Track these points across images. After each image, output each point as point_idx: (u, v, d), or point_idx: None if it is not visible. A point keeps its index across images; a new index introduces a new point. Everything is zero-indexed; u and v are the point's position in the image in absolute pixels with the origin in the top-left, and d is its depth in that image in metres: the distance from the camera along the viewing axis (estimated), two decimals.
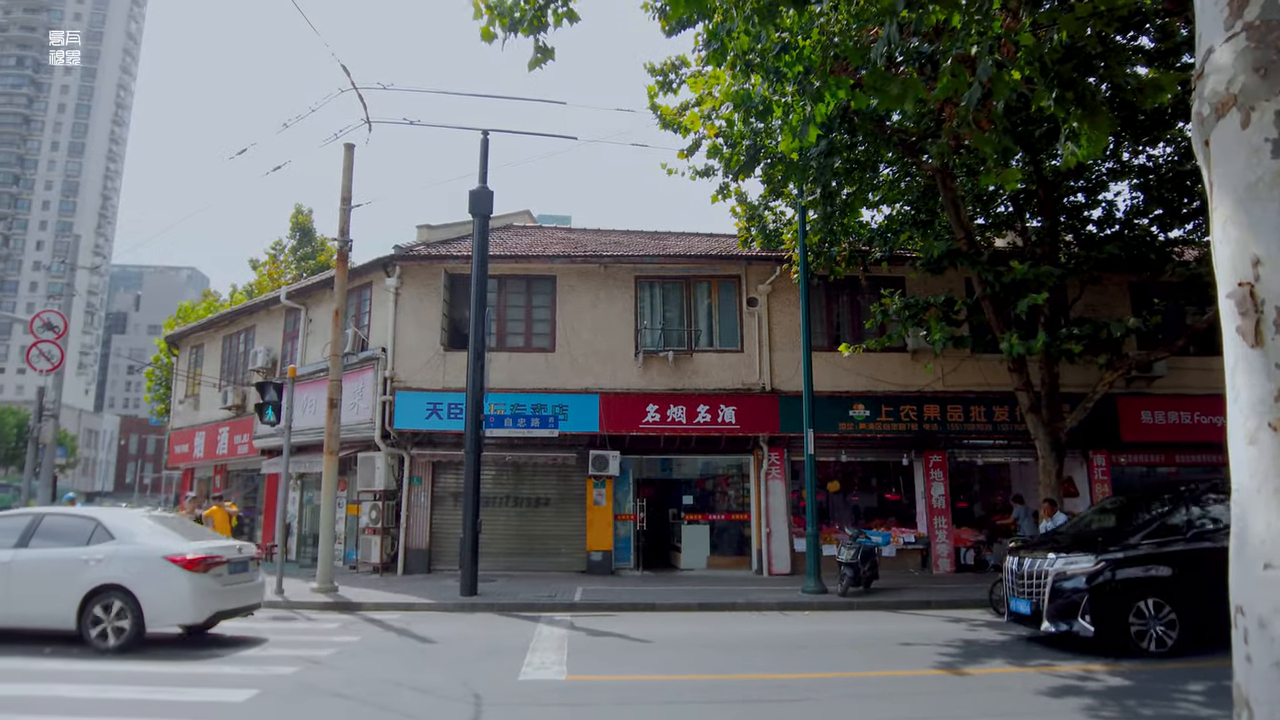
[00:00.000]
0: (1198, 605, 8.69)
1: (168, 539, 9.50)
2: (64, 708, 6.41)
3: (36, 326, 19.29)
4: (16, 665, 7.97)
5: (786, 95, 9.31)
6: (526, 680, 7.53)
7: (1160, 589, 8.92)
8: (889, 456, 17.98)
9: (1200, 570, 8.77)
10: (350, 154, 15.64)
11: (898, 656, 8.89)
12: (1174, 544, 9.15)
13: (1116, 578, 9.02)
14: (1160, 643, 8.75)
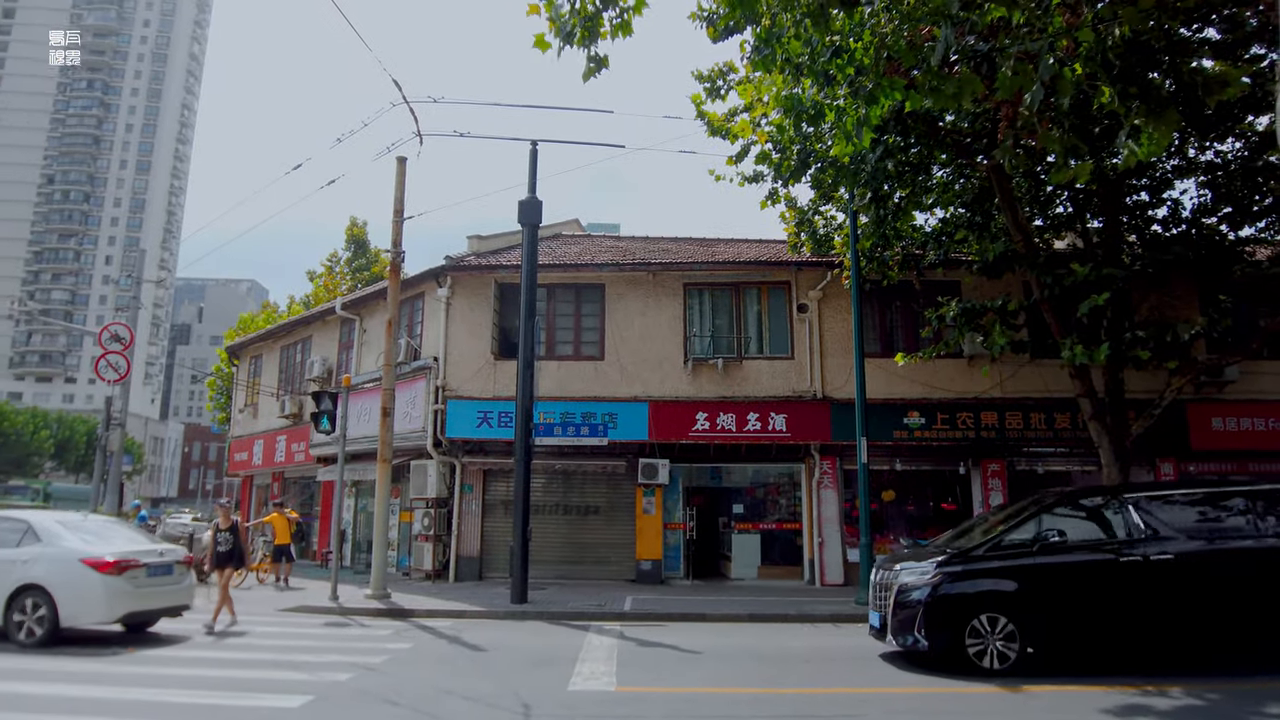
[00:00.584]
0: (1041, 621, 8.37)
1: (90, 542, 10.03)
2: (129, 709, 6.54)
3: (105, 338, 19.98)
4: (87, 668, 8.20)
5: (839, 98, 9.17)
6: (576, 691, 7.48)
7: (1001, 603, 8.41)
8: (945, 465, 17.56)
9: (1046, 585, 8.47)
10: (402, 167, 15.87)
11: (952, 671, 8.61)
12: (1020, 557, 8.68)
13: (953, 591, 8.55)
14: (1001, 659, 8.27)
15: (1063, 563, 8.57)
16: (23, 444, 62.18)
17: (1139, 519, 8.70)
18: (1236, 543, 8.55)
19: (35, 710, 6.51)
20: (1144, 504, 8.85)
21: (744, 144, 13.17)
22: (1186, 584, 8.32)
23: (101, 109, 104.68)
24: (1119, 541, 8.61)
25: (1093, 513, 9.14)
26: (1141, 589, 8.33)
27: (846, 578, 16.56)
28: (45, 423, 66.68)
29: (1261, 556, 8.43)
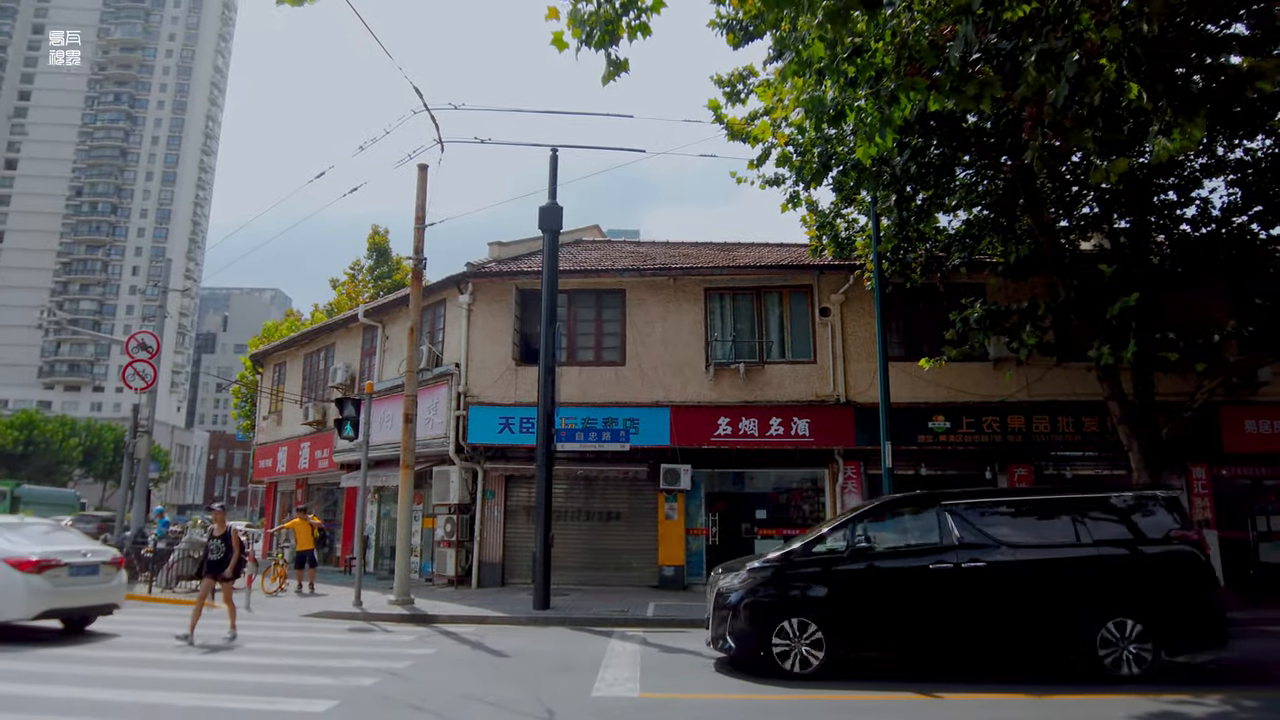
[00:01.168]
0: (847, 626, 8.45)
1: (16, 543, 10.45)
2: (153, 713, 6.57)
3: (132, 347, 20.25)
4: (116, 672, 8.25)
5: (860, 99, 9.09)
6: (599, 697, 7.43)
7: (808, 608, 8.47)
8: (971, 469, 17.34)
9: (854, 590, 8.54)
10: (424, 175, 15.96)
11: (987, 676, 8.47)
12: (833, 563, 8.73)
13: (762, 595, 8.63)
14: (805, 663, 8.28)
15: (872, 569, 8.63)
16: (52, 451, 63.10)
17: (954, 526, 8.71)
18: (1052, 552, 8.54)
19: (53, 712, 6.55)
20: (962, 511, 8.85)
21: (765, 147, 13.11)
22: (999, 591, 8.35)
23: (128, 121, 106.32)
24: (933, 548, 8.65)
25: (914, 519, 9.18)
26: (953, 596, 8.36)
27: None
28: (74, 430, 67.63)
29: (1076, 565, 8.42)
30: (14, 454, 59.73)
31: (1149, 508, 8.80)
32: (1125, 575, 8.34)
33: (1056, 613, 8.29)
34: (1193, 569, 8.37)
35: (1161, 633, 8.15)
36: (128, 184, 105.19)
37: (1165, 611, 8.22)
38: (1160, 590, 8.29)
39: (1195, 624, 8.22)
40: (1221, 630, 8.20)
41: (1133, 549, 8.49)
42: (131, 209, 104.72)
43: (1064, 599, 8.30)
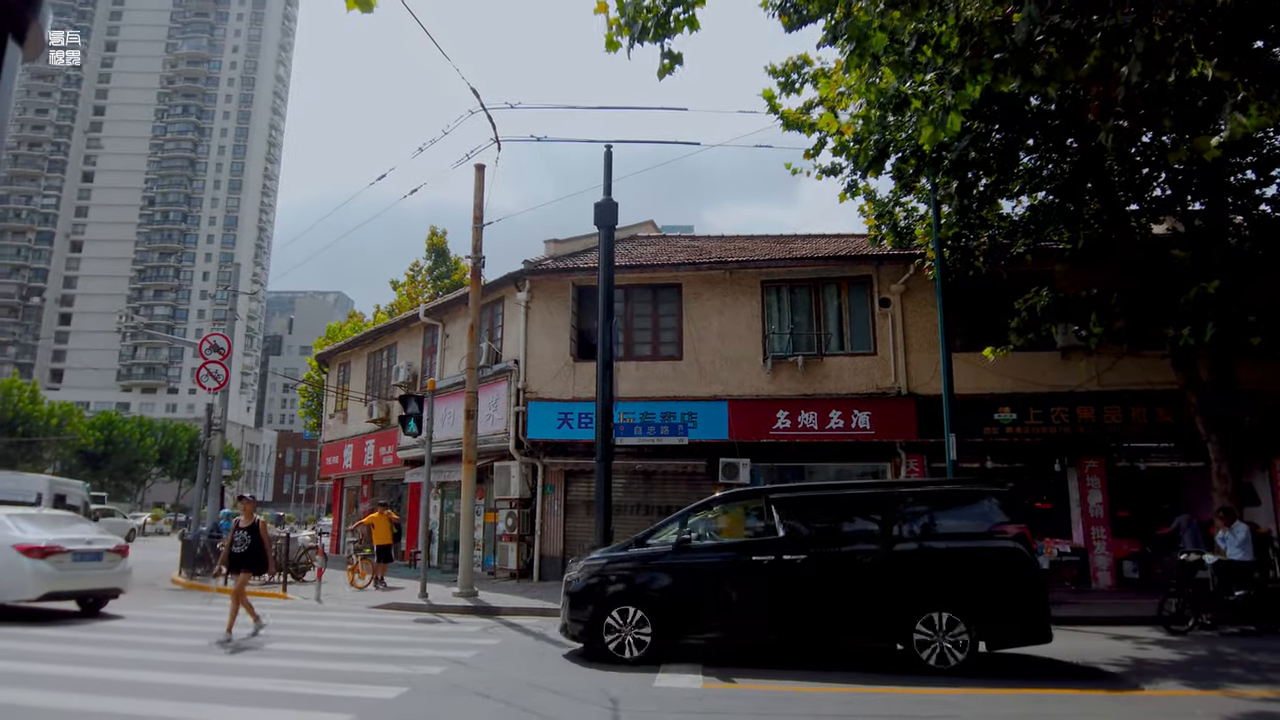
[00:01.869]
0: (674, 614, 8.71)
1: (27, 531, 11.34)
2: (224, 697, 6.80)
3: (205, 349, 20.95)
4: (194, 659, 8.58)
5: (924, 85, 8.93)
6: (663, 687, 7.46)
7: (636, 597, 8.78)
8: (1039, 462, 16.92)
9: (681, 580, 8.81)
10: (481, 175, 16.16)
11: (1057, 674, 8.27)
12: (662, 554, 9.01)
13: (596, 584, 9.00)
14: (636, 647, 8.62)
15: (700, 560, 8.93)
16: (131, 451, 65.76)
17: (779, 519, 8.85)
18: (874, 544, 8.64)
19: (145, 695, 6.83)
20: (787, 505, 8.99)
21: (821, 136, 12.97)
22: (820, 582, 8.49)
23: (196, 132, 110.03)
24: (758, 540, 8.87)
25: (744, 512, 9.46)
26: (776, 586, 8.54)
27: None
28: (151, 431, 70.39)
29: (897, 557, 8.50)
30: (96, 454, 62.41)
31: (976, 502, 8.84)
32: (945, 569, 8.39)
33: (878, 604, 8.39)
34: (1015, 564, 8.32)
35: (980, 626, 8.13)
36: (196, 192, 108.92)
37: (984, 605, 8.20)
38: (980, 584, 8.28)
39: (1016, 618, 8.21)
40: (1042, 624, 8.15)
41: (955, 543, 8.54)
42: (201, 216, 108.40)
43: (885, 591, 8.38)
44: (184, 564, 18.85)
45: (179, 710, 6.41)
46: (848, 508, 9.24)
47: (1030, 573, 8.34)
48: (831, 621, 8.51)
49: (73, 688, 7.04)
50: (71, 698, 6.68)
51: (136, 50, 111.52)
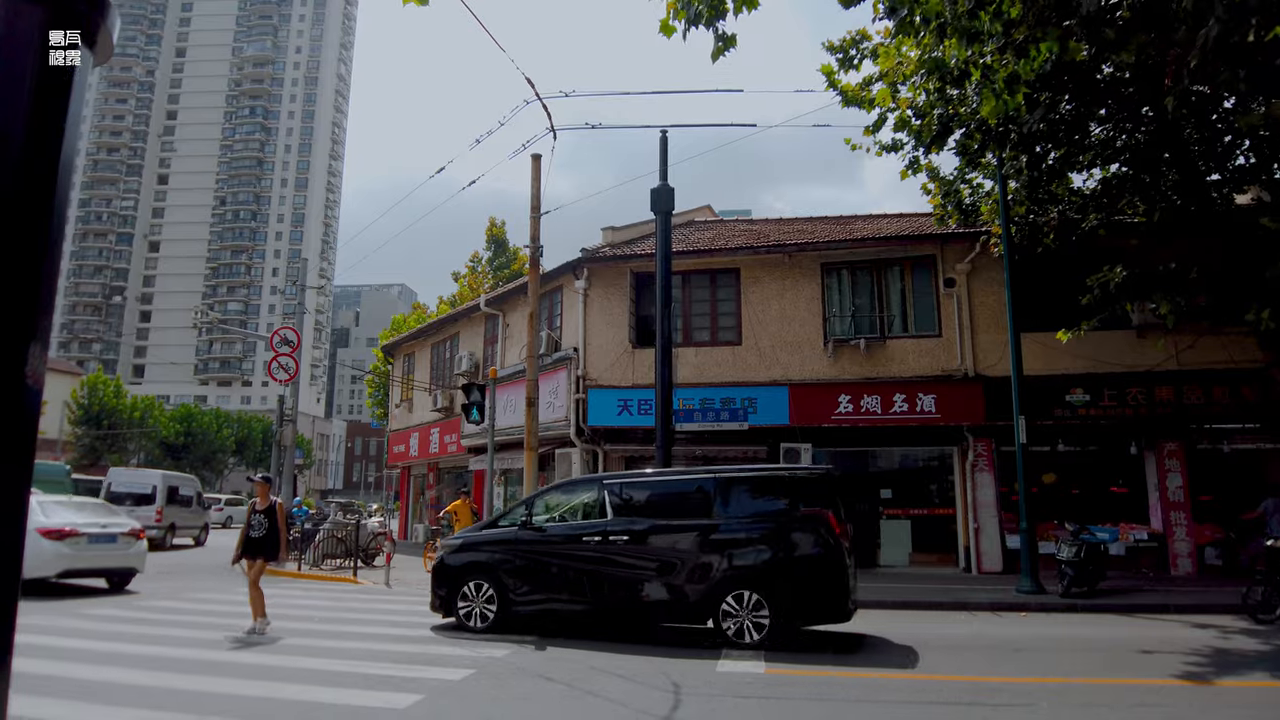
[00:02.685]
0: (517, 588, 9.56)
1: (51, 514, 12.34)
2: (301, 677, 7.00)
3: (276, 342, 21.58)
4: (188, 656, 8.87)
5: (985, 56, 8.63)
6: (724, 671, 7.43)
7: (485, 572, 9.67)
8: (1114, 445, 16.34)
9: (524, 557, 9.64)
10: (538, 165, 16.25)
11: (1133, 664, 7.97)
12: (508, 533, 9.87)
13: (451, 561, 9.96)
14: (483, 619, 9.54)
15: (541, 539, 9.69)
16: (209, 442, 68.29)
17: (609, 502, 9.57)
18: (691, 525, 9.16)
19: (221, 675, 7.07)
20: (617, 488, 9.73)
21: (881, 112, 12.65)
22: (642, 560, 9.15)
23: (263, 133, 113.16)
24: (590, 521, 9.60)
25: (580, 496, 10.11)
26: (604, 563, 9.28)
27: (1005, 565, 15.72)
28: (227, 422, 72.97)
29: (710, 539, 9.01)
30: (177, 445, 64.96)
31: (789, 487, 9.38)
32: (754, 550, 8.86)
33: (691, 581, 8.93)
34: (817, 546, 8.73)
35: (784, 604, 8.59)
36: (265, 191, 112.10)
37: (788, 585, 8.64)
38: (785, 565, 8.73)
39: (817, 597, 8.63)
40: (841, 604, 8.58)
41: (762, 525, 9.00)
42: (269, 214, 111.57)
43: (697, 569, 8.93)
44: None
45: (256, 689, 6.62)
46: (672, 493, 9.79)
47: (830, 555, 8.71)
48: (649, 596, 9.12)
49: (161, 667, 7.34)
50: (163, 676, 6.95)
51: (205, 55, 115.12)
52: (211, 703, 6.18)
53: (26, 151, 1.18)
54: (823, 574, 8.67)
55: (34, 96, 1.19)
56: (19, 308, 1.12)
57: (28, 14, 1.19)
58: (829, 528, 8.75)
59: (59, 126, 1.24)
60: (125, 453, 60.75)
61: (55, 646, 8.10)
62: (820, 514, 8.86)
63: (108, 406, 58.78)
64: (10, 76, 1.16)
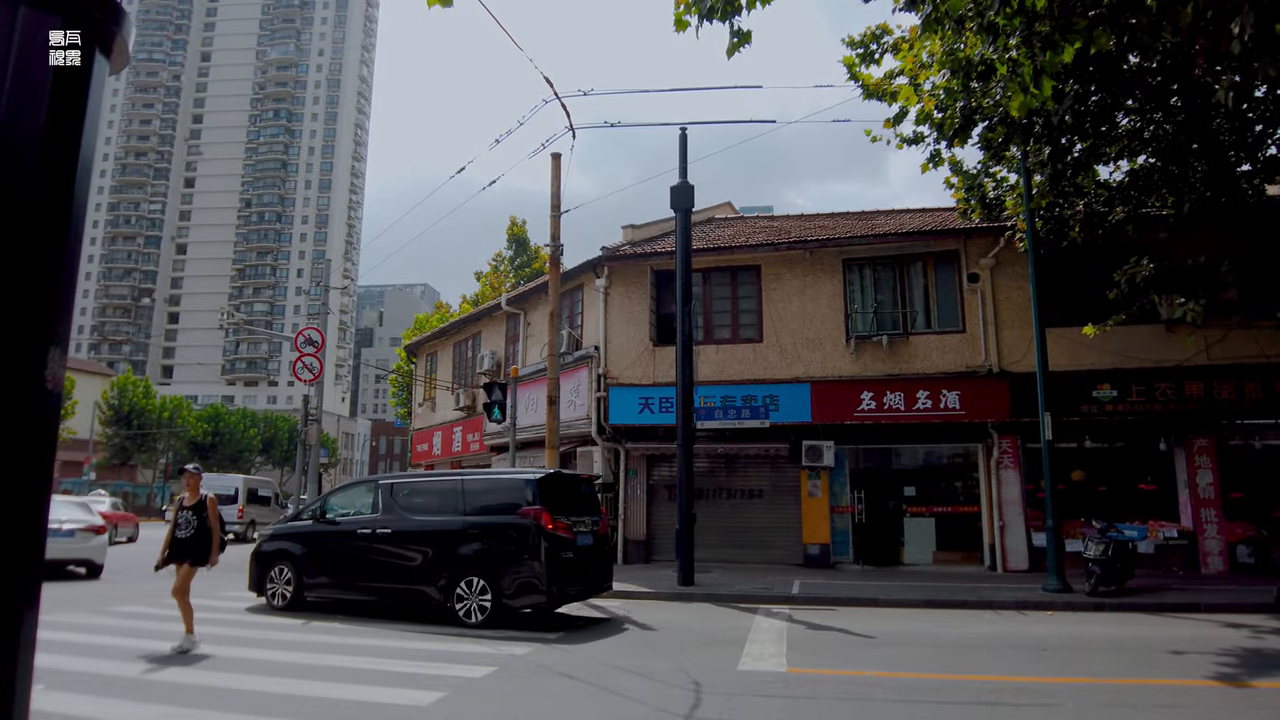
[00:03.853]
0: (307, 571, 11.21)
1: None
2: (335, 675, 7.07)
3: (300, 342, 21.78)
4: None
5: (1010, 50, 8.52)
6: (746, 670, 7.42)
7: (286, 559, 11.37)
8: (1142, 441, 16.11)
9: (314, 545, 11.32)
10: (557, 164, 16.29)
11: (1161, 664, 7.86)
12: (305, 526, 11.66)
13: (264, 549, 11.80)
14: (283, 599, 11.25)
15: (328, 531, 11.33)
16: (236, 441, 69.12)
17: (381, 499, 11.15)
18: (440, 521, 10.57)
19: (248, 672, 7.16)
20: (388, 488, 11.28)
21: (903, 106, 12.53)
22: (401, 550, 10.63)
23: (287, 135, 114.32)
24: (366, 516, 11.17)
25: (361, 495, 11.73)
26: (373, 552, 10.77)
27: (1031, 564, 15.55)
28: (254, 422, 73.83)
29: (451, 532, 10.40)
30: (204, 444, 65.82)
31: (514, 487, 10.53)
32: (481, 542, 10.21)
33: (438, 568, 10.30)
34: (527, 539, 9.93)
35: (502, 589, 9.92)
36: (289, 193, 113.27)
37: (504, 572, 9.97)
38: (503, 555, 10.06)
39: (527, 583, 9.89)
40: (546, 590, 9.79)
41: (489, 522, 10.31)
42: (294, 216, 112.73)
43: (440, 558, 10.32)
44: None
45: (278, 685, 6.70)
46: (430, 492, 11.20)
47: (537, 546, 9.88)
48: (406, 580, 10.55)
49: (185, 662, 7.45)
50: (186, 673, 7.06)
51: (229, 59, 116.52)
52: (240, 700, 6.27)
53: (45, 158, 1.20)
54: (531, 563, 9.89)
55: (52, 104, 1.21)
56: (39, 313, 1.14)
57: (46, 24, 1.22)
58: (540, 525, 9.95)
59: (76, 133, 1.27)
60: (154, 452, 61.69)
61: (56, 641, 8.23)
62: (535, 513, 10.06)
63: (137, 407, 59.68)
64: (29, 85, 1.19)
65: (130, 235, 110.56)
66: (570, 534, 10.25)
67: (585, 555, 10.55)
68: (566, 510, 10.44)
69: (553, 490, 10.41)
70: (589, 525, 10.84)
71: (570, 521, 10.35)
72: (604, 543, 11.32)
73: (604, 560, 11.28)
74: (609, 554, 11.76)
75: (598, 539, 11.01)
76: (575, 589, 10.38)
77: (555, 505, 10.25)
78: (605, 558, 11.38)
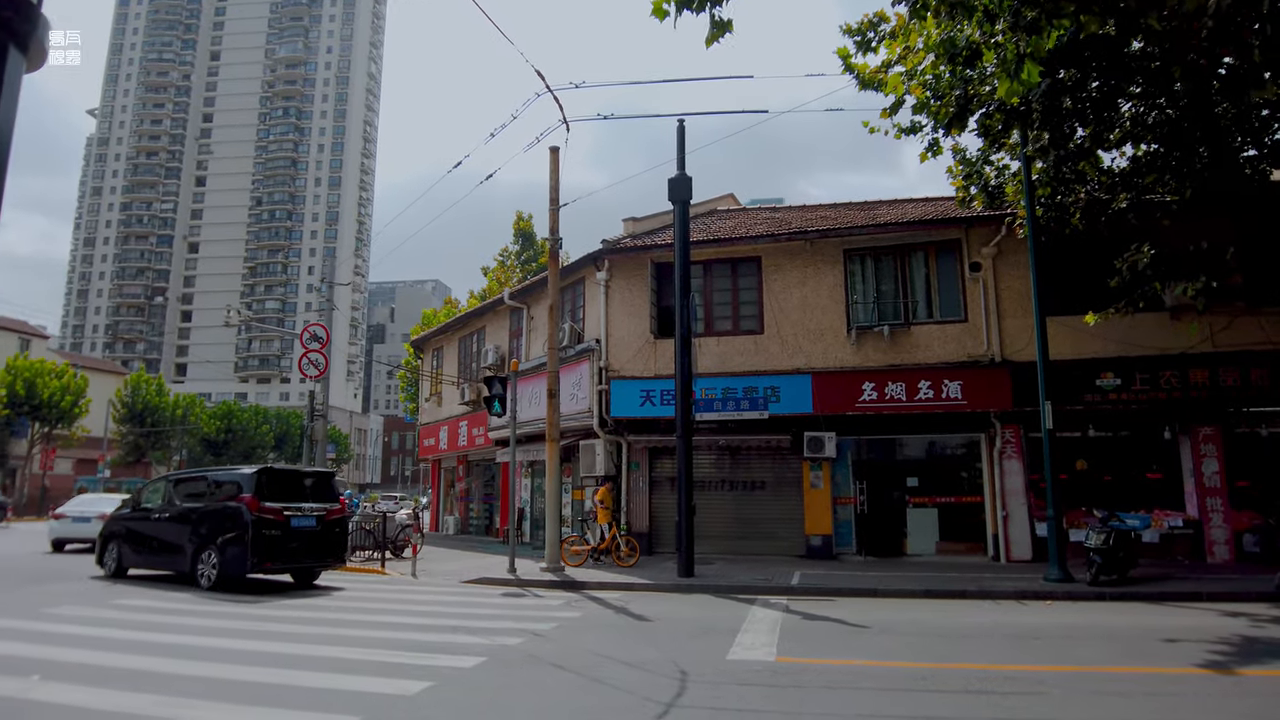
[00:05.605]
0: (125, 546, 14.13)
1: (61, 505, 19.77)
2: (324, 665, 7.11)
3: (305, 339, 21.84)
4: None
5: (997, 35, 8.45)
6: (734, 660, 7.41)
7: (120, 538, 14.24)
8: (1147, 430, 15.97)
9: (128, 527, 14.20)
10: (555, 157, 16.26)
11: (1155, 652, 7.80)
12: (128, 512, 14.61)
13: (105, 530, 14.68)
14: (111, 568, 14.20)
15: (140, 516, 14.17)
16: (248, 437, 69.64)
17: (168, 491, 14.08)
18: (197, 506, 13.25)
19: (233, 662, 7.22)
20: (172, 482, 14.30)
21: (894, 95, 12.42)
22: (176, 530, 13.28)
23: (296, 133, 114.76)
24: (160, 504, 13.97)
25: (161, 488, 14.40)
26: (156, 530, 13.66)
27: (1035, 554, 15.46)
28: (265, 418, 74.37)
29: (202, 514, 13.03)
30: (217, 441, 66.35)
31: (238, 479, 13.04)
32: (215, 523, 12.72)
33: (190, 544, 12.97)
34: (241, 518, 12.36)
35: (225, 559, 12.43)
36: (299, 190, 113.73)
37: (226, 545, 12.47)
38: (225, 534, 12.51)
39: (237, 553, 12.32)
40: (248, 558, 12.16)
41: (221, 506, 12.85)
42: (304, 213, 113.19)
43: (192, 536, 12.96)
44: None
45: (267, 675, 6.74)
46: (194, 483, 13.97)
47: (245, 525, 12.28)
48: (175, 554, 13.20)
49: (159, 653, 7.51)
50: (163, 662, 7.12)
51: (238, 58, 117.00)
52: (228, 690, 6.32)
53: None
54: (242, 539, 12.29)
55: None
56: None
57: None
58: (249, 509, 12.35)
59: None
60: (168, 450, 62.17)
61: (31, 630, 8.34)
62: (247, 499, 12.49)
63: (150, 405, 60.14)
64: None
65: (143, 235, 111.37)
66: (280, 516, 12.60)
67: (303, 535, 12.88)
68: (284, 498, 12.89)
69: (270, 482, 12.94)
70: (310, 511, 13.10)
71: (282, 507, 12.71)
72: (332, 525, 13.43)
73: (331, 539, 13.43)
74: (338, 535, 13.61)
75: (324, 523, 13.24)
76: (285, 561, 12.75)
77: (272, 494, 12.77)
78: (333, 538, 13.47)
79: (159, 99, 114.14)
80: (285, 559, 12.71)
